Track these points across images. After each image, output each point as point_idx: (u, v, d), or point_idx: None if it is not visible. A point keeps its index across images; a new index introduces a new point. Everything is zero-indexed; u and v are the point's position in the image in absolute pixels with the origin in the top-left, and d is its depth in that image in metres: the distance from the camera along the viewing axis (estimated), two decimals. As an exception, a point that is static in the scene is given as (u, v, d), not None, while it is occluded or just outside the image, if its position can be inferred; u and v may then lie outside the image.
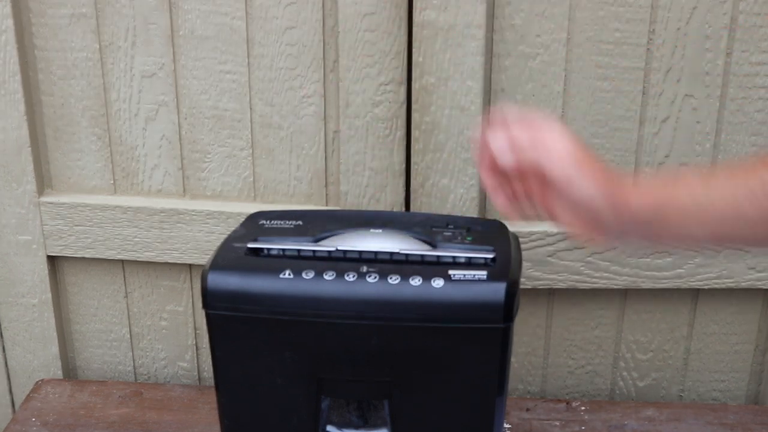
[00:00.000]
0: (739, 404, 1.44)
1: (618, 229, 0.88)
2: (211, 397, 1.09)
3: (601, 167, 0.88)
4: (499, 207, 0.93)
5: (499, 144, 0.87)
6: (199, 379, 1.50)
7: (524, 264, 1.30)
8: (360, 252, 1.00)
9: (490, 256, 0.99)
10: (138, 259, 1.40)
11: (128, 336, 1.48)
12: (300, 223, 1.08)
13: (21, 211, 1.38)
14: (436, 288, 0.95)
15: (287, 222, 1.09)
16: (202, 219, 1.36)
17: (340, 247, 1.01)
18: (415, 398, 1.01)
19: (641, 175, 0.88)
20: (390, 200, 1.33)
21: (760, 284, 1.35)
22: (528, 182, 0.91)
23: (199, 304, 1.36)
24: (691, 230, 0.88)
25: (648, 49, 1.24)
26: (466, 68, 1.24)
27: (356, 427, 1.07)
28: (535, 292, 1.38)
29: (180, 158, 1.36)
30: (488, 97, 1.27)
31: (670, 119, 1.27)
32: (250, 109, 1.32)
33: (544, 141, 0.86)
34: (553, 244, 1.32)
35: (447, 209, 1.31)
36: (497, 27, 1.24)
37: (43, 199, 1.38)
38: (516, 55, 1.25)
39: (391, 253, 1.00)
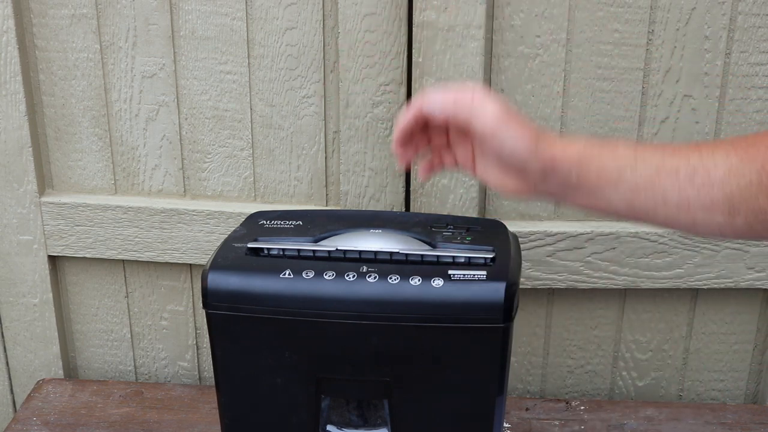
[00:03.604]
0: (737, 404, 1.44)
1: (540, 181, 0.90)
2: (212, 397, 1.10)
3: (527, 122, 0.90)
4: (420, 174, 0.99)
5: (429, 100, 0.91)
6: (200, 378, 1.50)
7: (524, 264, 1.31)
8: (360, 252, 1.00)
9: (490, 256, 0.99)
10: (139, 259, 1.40)
11: (129, 336, 1.48)
12: (300, 223, 1.09)
13: (22, 211, 1.38)
14: (435, 288, 0.95)
15: (287, 222, 1.09)
16: (202, 219, 1.36)
17: (340, 247, 1.01)
18: (414, 398, 1.01)
19: (570, 136, 0.91)
20: (390, 200, 1.33)
21: (759, 284, 1.35)
22: (452, 139, 0.95)
23: (199, 303, 1.36)
24: (607, 193, 0.89)
25: (647, 49, 1.24)
26: (465, 69, 1.24)
27: (356, 427, 1.07)
28: (535, 292, 1.38)
29: (180, 158, 1.36)
30: (488, 97, 1.27)
31: (669, 119, 1.28)
32: (251, 109, 1.32)
33: (471, 99, 0.89)
34: (553, 244, 1.33)
35: (447, 209, 1.31)
36: (497, 27, 1.24)
37: (44, 199, 1.38)
38: (516, 56, 1.25)
39: (391, 253, 1.00)
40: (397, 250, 1.00)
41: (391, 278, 0.96)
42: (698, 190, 0.86)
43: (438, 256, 1.00)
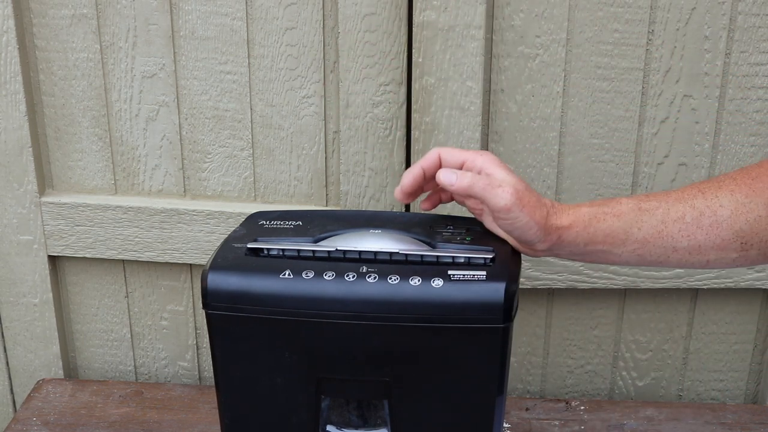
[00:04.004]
0: (737, 404, 1.44)
1: (547, 251, 0.96)
2: (212, 397, 1.10)
3: (538, 202, 0.94)
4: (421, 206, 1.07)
5: (444, 175, 0.96)
6: (200, 378, 1.50)
7: (524, 264, 1.30)
8: (360, 252, 1.00)
9: (490, 256, 0.99)
10: (139, 259, 1.40)
11: (129, 336, 1.48)
12: (300, 223, 1.09)
13: (22, 211, 1.38)
14: (435, 288, 0.95)
15: (287, 222, 1.09)
16: (202, 219, 1.36)
17: (339, 247, 1.01)
18: (414, 398, 1.01)
19: (577, 203, 0.96)
20: (390, 200, 1.33)
21: (759, 284, 1.35)
22: (464, 201, 1.02)
23: (199, 303, 1.36)
24: (616, 252, 0.92)
25: (647, 49, 1.24)
26: (465, 69, 1.24)
27: (356, 427, 1.07)
28: (535, 292, 1.38)
29: (180, 158, 1.36)
30: (488, 97, 1.28)
31: (669, 120, 1.28)
32: (251, 109, 1.32)
33: (487, 182, 0.94)
34: (553, 244, 1.33)
35: (447, 209, 1.31)
36: (497, 27, 1.24)
37: (44, 199, 1.38)
38: (515, 56, 1.26)
39: (391, 253, 1.00)
40: (396, 251, 1.00)
41: (390, 278, 0.96)
42: (707, 233, 0.87)
43: (438, 257, 1.00)
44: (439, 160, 1.00)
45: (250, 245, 1.03)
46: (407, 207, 1.33)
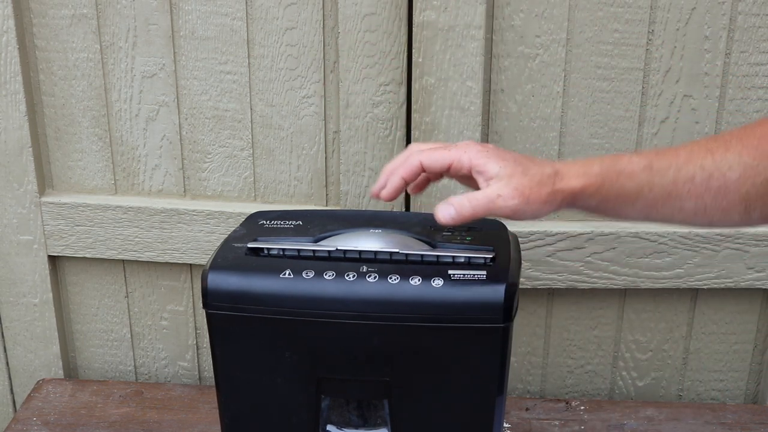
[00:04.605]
0: (737, 404, 1.44)
1: (556, 210, 0.93)
2: (212, 397, 1.10)
3: (538, 177, 0.90)
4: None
5: (444, 211, 0.91)
6: (200, 378, 1.50)
7: (524, 264, 1.31)
8: (360, 252, 1.00)
9: (490, 256, 0.99)
10: (139, 259, 1.40)
11: (129, 336, 1.48)
12: (300, 223, 1.09)
13: (22, 211, 1.38)
14: (435, 288, 0.95)
15: (287, 222, 1.09)
16: (202, 219, 1.36)
17: (340, 247, 1.01)
18: (414, 398, 1.01)
19: (585, 159, 0.93)
20: (390, 200, 1.33)
21: (759, 284, 1.35)
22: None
23: (199, 303, 1.36)
24: (625, 210, 0.91)
25: (647, 49, 1.24)
26: (465, 69, 1.24)
27: (356, 427, 1.07)
28: (535, 292, 1.38)
29: (180, 158, 1.36)
30: (488, 97, 1.28)
31: (669, 120, 1.28)
32: (251, 109, 1.32)
33: (488, 198, 0.90)
34: (553, 244, 1.33)
35: (447, 209, 1.31)
36: (497, 27, 1.24)
37: (44, 199, 1.38)
38: (515, 56, 1.26)
39: (391, 253, 1.00)
40: (397, 250, 1.00)
41: (391, 278, 0.96)
42: (715, 195, 0.87)
43: (438, 256, 1.00)
44: (421, 168, 0.95)
45: (250, 245, 1.03)
46: (407, 207, 1.33)
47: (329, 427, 1.06)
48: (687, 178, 0.87)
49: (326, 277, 0.96)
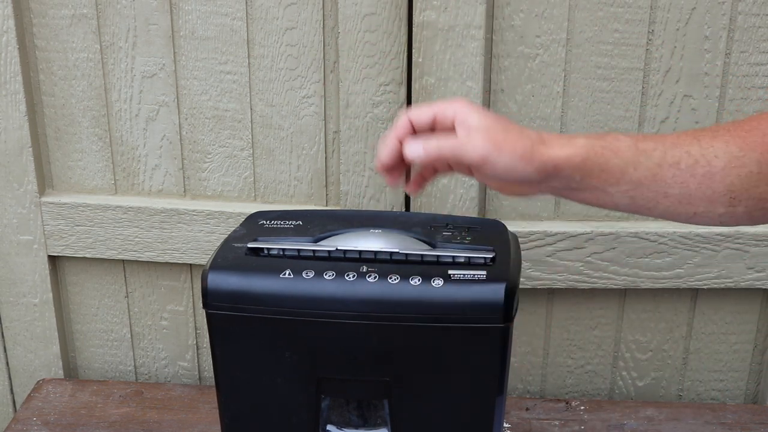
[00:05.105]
0: (737, 404, 1.44)
1: (541, 183, 0.89)
2: (212, 397, 1.10)
3: (520, 134, 0.87)
4: (408, 190, 0.98)
5: (410, 148, 0.88)
6: (200, 378, 1.50)
7: (524, 264, 1.31)
8: (360, 252, 1.00)
9: (490, 255, 0.99)
10: (139, 259, 1.40)
11: (129, 336, 1.48)
12: (300, 223, 1.09)
13: (22, 211, 1.38)
14: (435, 288, 0.95)
15: (287, 222, 1.09)
16: (202, 219, 1.36)
17: (340, 247, 1.01)
18: (414, 398, 1.01)
19: (571, 134, 0.90)
20: (390, 200, 1.33)
21: (759, 284, 1.35)
22: (442, 163, 0.93)
23: (199, 303, 1.36)
24: (609, 190, 0.88)
25: (647, 49, 1.24)
26: (465, 69, 1.24)
27: (356, 427, 1.07)
28: (535, 292, 1.38)
29: (180, 158, 1.36)
30: (488, 97, 1.28)
31: (669, 120, 1.28)
32: (251, 109, 1.32)
33: (457, 142, 0.87)
34: (553, 244, 1.33)
35: (447, 209, 1.31)
36: (497, 27, 1.24)
37: (44, 199, 1.38)
38: (515, 56, 1.26)
39: (391, 253, 1.00)
40: (397, 250, 1.00)
41: (391, 278, 0.96)
42: (699, 182, 0.86)
43: (438, 256, 1.00)
44: (411, 125, 0.91)
45: (250, 245, 1.03)
46: (407, 207, 1.33)
47: (329, 427, 1.06)
48: (672, 162, 0.86)
49: (326, 277, 0.96)
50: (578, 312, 1.41)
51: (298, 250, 1.01)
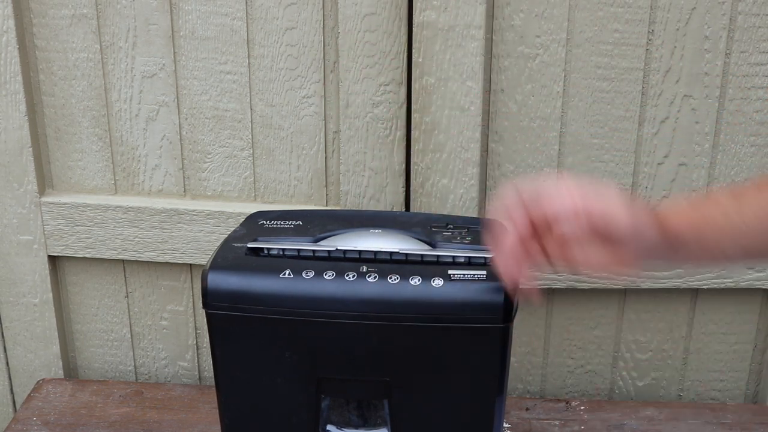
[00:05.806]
0: (737, 403, 1.44)
1: (658, 252, 0.89)
2: (212, 397, 1.10)
3: (644, 209, 0.89)
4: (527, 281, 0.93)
5: (564, 222, 0.87)
6: (200, 378, 1.50)
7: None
8: (360, 252, 1.00)
9: (490, 255, 0.99)
10: (139, 259, 1.40)
11: (129, 336, 1.48)
12: (300, 223, 1.09)
13: (22, 211, 1.38)
14: (435, 288, 0.95)
15: (287, 222, 1.09)
16: (202, 219, 1.36)
17: (339, 247, 1.01)
18: (414, 398, 1.01)
19: (672, 199, 0.90)
20: (390, 200, 1.33)
21: (758, 284, 1.35)
22: (547, 237, 0.91)
23: (199, 303, 1.36)
24: (725, 247, 0.89)
25: (647, 49, 1.24)
26: (465, 69, 1.24)
27: (356, 427, 1.07)
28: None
29: (180, 158, 1.36)
30: (488, 97, 1.28)
31: (669, 119, 1.28)
32: (251, 109, 1.32)
33: (603, 211, 0.87)
34: (553, 244, 1.32)
35: (447, 209, 1.31)
36: (497, 27, 1.24)
37: (44, 199, 1.38)
38: (515, 56, 1.25)
39: (391, 253, 1.00)
40: (396, 250, 1.00)
41: (391, 278, 0.96)
42: None
43: (438, 256, 1.00)
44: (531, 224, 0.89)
45: (250, 245, 1.03)
46: (407, 207, 1.33)
47: (329, 427, 1.06)
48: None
49: (326, 277, 0.96)
50: (578, 312, 1.40)
51: (298, 250, 1.01)
